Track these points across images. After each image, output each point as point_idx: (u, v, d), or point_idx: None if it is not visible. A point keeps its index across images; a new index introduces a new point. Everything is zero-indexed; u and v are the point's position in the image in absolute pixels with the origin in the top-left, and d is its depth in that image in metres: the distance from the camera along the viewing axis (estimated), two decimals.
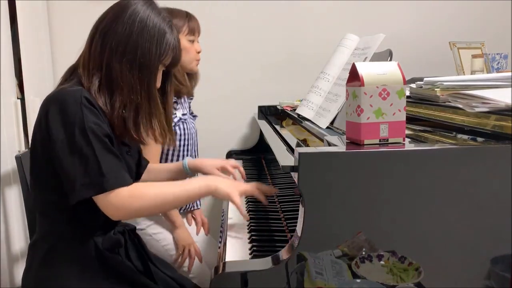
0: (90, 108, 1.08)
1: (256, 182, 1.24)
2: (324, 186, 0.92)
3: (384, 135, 0.95)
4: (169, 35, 1.17)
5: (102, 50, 1.14)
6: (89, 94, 1.11)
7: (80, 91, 1.10)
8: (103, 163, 1.06)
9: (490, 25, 2.32)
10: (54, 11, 2.28)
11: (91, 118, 1.08)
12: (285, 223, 1.35)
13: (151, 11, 1.16)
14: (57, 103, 1.09)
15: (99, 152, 1.07)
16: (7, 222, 1.80)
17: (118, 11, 1.15)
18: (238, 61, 2.38)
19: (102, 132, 1.09)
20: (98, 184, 1.06)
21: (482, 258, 0.93)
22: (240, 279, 0.94)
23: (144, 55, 1.14)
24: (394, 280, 0.92)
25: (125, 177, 1.10)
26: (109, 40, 1.13)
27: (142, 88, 1.15)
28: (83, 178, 1.06)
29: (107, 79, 1.14)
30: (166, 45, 1.16)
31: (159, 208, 1.24)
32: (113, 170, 1.07)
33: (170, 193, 1.14)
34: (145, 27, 1.14)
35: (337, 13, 2.36)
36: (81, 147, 1.06)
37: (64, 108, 1.08)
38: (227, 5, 2.34)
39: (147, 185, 1.17)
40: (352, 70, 0.97)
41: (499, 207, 0.92)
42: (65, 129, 1.07)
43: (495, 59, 1.87)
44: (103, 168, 1.06)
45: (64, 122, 1.08)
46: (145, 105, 1.17)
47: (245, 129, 2.44)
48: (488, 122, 0.95)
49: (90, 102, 1.09)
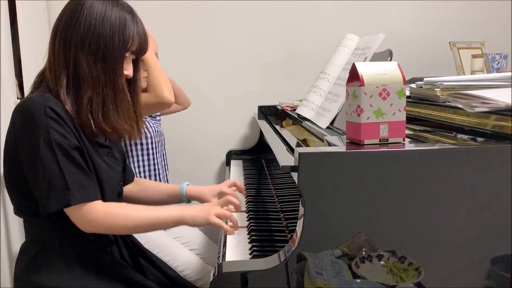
0: (55, 119, 1.07)
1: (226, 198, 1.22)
2: (324, 186, 0.92)
3: (384, 135, 0.95)
4: (130, 21, 1.15)
5: (65, 48, 1.12)
6: (56, 102, 1.09)
7: (46, 101, 1.08)
8: (68, 176, 1.06)
9: (490, 25, 2.32)
10: (54, 11, 2.28)
11: (56, 130, 1.07)
12: (285, 223, 1.35)
13: (108, 2, 1.14)
14: (22, 113, 1.09)
15: (64, 165, 1.06)
16: (7, 222, 1.79)
17: (75, 7, 1.14)
18: (238, 61, 2.38)
19: (69, 144, 1.08)
20: (64, 198, 1.05)
21: (482, 258, 0.93)
22: (240, 279, 0.94)
23: (107, 45, 1.12)
24: (394, 280, 0.92)
25: (91, 191, 1.09)
26: (71, 36, 1.12)
27: (107, 78, 1.13)
28: (47, 191, 1.06)
29: (73, 76, 1.12)
30: (129, 32, 1.15)
31: (130, 230, 1.21)
32: (79, 184, 1.07)
33: (144, 218, 1.13)
34: (105, 17, 1.12)
35: (337, 13, 2.36)
36: (46, 160, 1.05)
37: (28, 119, 1.07)
38: (227, 5, 2.34)
39: (124, 205, 1.16)
40: (352, 70, 0.97)
41: (499, 207, 0.92)
42: (30, 141, 1.07)
43: (495, 59, 1.87)
44: (68, 182, 1.05)
45: (28, 133, 1.07)
46: (110, 95, 1.14)
47: (245, 129, 2.45)
48: (488, 122, 0.95)
49: (56, 112, 1.07)
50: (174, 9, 2.32)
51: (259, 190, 1.77)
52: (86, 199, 1.08)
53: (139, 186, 1.43)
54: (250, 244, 1.21)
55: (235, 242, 1.25)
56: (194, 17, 2.34)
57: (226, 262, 1.05)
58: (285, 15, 2.35)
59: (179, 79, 1.92)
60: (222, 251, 1.19)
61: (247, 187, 1.81)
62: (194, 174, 2.32)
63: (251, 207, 1.52)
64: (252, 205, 1.54)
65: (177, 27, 2.32)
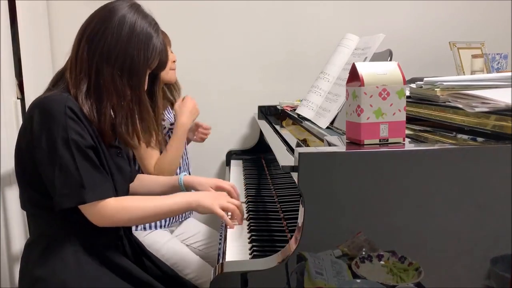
0: (73, 119, 1.09)
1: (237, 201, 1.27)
2: (324, 186, 0.92)
3: (384, 135, 0.95)
4: (155, 39, 1.17)
5: (89, 56, 1.13)
6: (74, 103, 1.11)
7: (65, 100, 1.10)
8: (84, 175, 1.08)
9: (490, 25, 2.32)
10: (54, 11, 2.28)
11: (74, 129, 1.08)
12: (285, 223, 1.35)
13: (138, 15, 1.16)
14: (42, 110, 1.10)
15: (80, 164, 1.08)
16: (7, 222, 1.79)
17: (105, 16, 1.14)
18: (238, 61, 2.38)
19: (85, 144, 1.10)
20: (79, 196, 1.08)
21: (482, 258, 0.93)
22: (240, 279, 0.94)
23: (133, 61, 1.14)
24: (394, 280, 0.92)
25: (106, 190, 1.12)
26: (97, 45, 1.13)
27: (132, 93, 1.16)
28: (63, 188, 1.08)
29: (95, 85, 1.14)
30: (153, 50, 1.17)
31: (141, 221, 1.28)
32: (94, 182, 1.10)
33: (152, 208, 1.18)
34: (133, 32, 1.14)
35: (337, 13, 2.36)
36: (63, 158, 1.07)
37: (48, 117, 1.09)
38: (228, 5, 2.34)
39: (132, 198, 1.20)
40: (352, 70, 0.97)
41: (499, 207, 0.92)
42: (48, 139, 1.08)
43: (495, 59, 1.87)
44: (84, 180, 1.08)
45: (47, 131, 1.08)
46: (136, 109, 1.18)
47: (245, 129, 2.45)
48: (488, 122, 0.95)
49: (74, 112, 1.09)
50: (174, 9, 2.32)
51: (259, 190, 1.77)
52: (100, 197, 1.10)
53: (140, 181, 1.45)
54: (250, 244, 1.21)
55: (235, 242, 1.25)
56: (194, 17, 2.34)
57: (226, 262, 1.05)
58: (285, 15, 2.35)
59: (179, 79, 1.92)
60: (222, 250, 1.19)
61: (247, 187, 1.81)
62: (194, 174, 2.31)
63: (251, 207, 1.52)
64: (252, 205, 1.54)
65: (177, 27, 2.32)
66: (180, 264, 1.69)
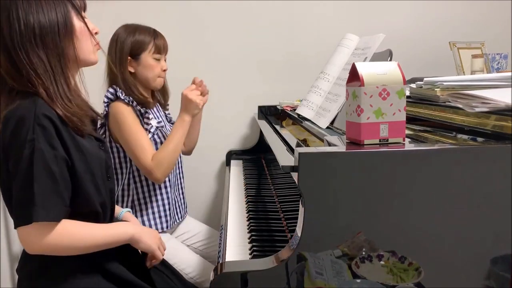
0: (43, 127, 1.04)
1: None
2: (324, 186, 0.92)
3: (384, 135, 0.95)
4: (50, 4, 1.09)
5: (8, 53, 1.08)
6: (47, 107, 1.06)
7: (35, 108, 1.05)
8: (37, 190, 1.02)
9: (490, 25, 2.32)
10: None
11: (43, 139, 1.04)
12: (285, 223, 1.35)
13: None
14: (12, 122, 1.05)
15: (39, 181, 1.02)
16: (7, 222, 1.80)
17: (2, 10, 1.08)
18: (238, 61, 2.38)
19: (54, 155, 1.05)
20: (27, 215, 1.03)
21: (482, 258, 0.93)
22: (240, 279, 0.94)
23: (41, 27, 1.08)
24: (394, 280, 0.92)
25: (55, 211, 1.05)
26: (5, 39, 1.07)
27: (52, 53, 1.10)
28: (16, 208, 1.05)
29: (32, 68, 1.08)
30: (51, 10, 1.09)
31: (79, 250, 1.14)
32: (45, 199, 1.03)
33: (95, 237, 1.14)
34: (33, 4, 1.07)
35: (337, 13, 2.36)
36: (23, 169, 1.03)
37: (17, 128, 1.04)
38: (227, 5, 2.34)
39: (75, 224, 1.12)
40: (352, 70, 0.97)
41: (499, 207, 0.92)
42: (16, 151, 1.04)
43: (495, 59, 1.87)
44: (35, 196, 1.02)
45: (15, 143, 1.04)
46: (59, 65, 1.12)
47: (245, 129, 2.45)
48: (488, 122, 0.95)
49: (47, 117, 1.05)
50: (173, 9, 2.32)
51: (259, 190, 1.77)
52: (48, 219, 1.04)
53: None
54: (250, 244, 1.21)
55: (235, 242, 1.25)
56: (194, 16, 2.34)
57: (226, 262, 1.05)
58: (285, 15, 2.35)
59: (179, 79, 1.92)
60: (222, 251, 1.19)
61: (247, 187, 1.81)
62: (194, 174, 2.32)
63: (251, 207, 1.52)
64: (252, 205, 1.54)
65: (177, 27, 2.32)
66: (180, 263, 1.69)
